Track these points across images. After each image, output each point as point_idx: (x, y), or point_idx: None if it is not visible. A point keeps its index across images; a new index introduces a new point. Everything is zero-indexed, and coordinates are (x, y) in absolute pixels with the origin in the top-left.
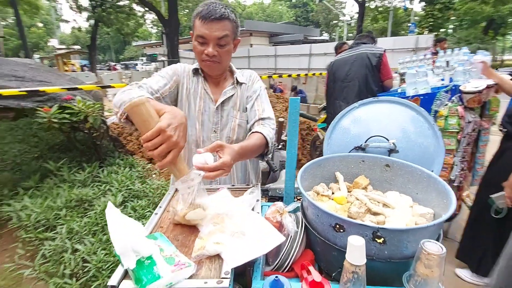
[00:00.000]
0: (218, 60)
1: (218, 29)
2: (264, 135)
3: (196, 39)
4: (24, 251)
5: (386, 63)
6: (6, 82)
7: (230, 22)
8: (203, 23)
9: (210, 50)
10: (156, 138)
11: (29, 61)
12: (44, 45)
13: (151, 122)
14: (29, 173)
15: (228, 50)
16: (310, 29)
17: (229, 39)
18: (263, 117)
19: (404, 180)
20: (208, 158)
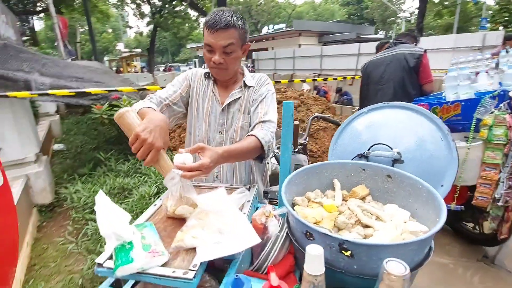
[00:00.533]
0: (225, 67)
1: (223, 38)
2: (259, 138)
3: (204, 47)
4: (73, 228)
5: (427, 64)
6: (68, 82)
7: (236, 30)
8: (209, 32)
9: (217, 58)
10: (135, 143)
11: (91, 64)
12: (112, 49)
13: (133, 129)
14: (85, 162)
15: (234, 57)
16: (363, 27)
17: (235, 47)
18: (264, 120)
19: (405, 193)
20: (187, 158)
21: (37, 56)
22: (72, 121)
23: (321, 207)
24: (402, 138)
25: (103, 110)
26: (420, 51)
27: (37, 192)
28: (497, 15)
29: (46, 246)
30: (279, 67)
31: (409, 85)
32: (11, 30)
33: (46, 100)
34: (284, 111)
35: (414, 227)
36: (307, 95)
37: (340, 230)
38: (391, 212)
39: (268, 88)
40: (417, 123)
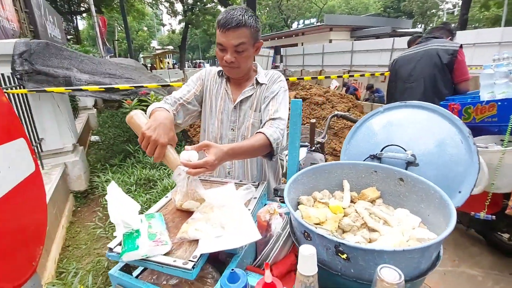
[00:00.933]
0: (237, 65)
1: (235, 37)
2: (267, 136)
3: (217, 46)
4: (102, 215)
5: (462, 61)
6: (102, 78)
7: (248, 29)
8: (221, 32)
9: (228, 57)
10: (143, 141)
11: (125, 61)
12: (147, 46)
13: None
14: (116, 153)
15: (246, 56)
16: (400, 20)
17: (247, 46)
18: (274, 117)
19: (417, 198)
20: (192, 155)
21: (75, 54)
22: (108, 114)
23: (327, 208)
24: (419, 140)
25: (132, 105)
26: (455, 47)
27: (74, 180)
28: None
29: (79, 229)
30: (308, 63)
31: (440, 83)
32: (57, 30)
33: (82, 94)
34: (292, 109)
35: (422, 234)
36: (333, 92)
37: (344, 232)
38: (400, 217)
39: (281, 85)
40: (435, 124)
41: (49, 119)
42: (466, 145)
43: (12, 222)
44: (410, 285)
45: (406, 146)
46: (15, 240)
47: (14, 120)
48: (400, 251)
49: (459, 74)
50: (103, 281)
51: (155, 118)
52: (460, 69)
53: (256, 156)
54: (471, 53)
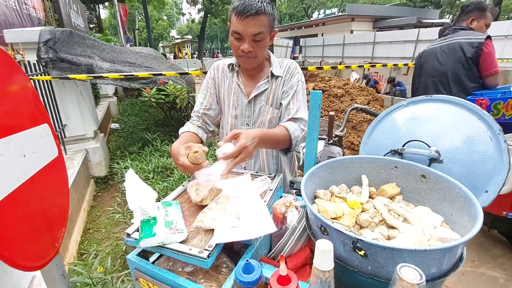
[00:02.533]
0: (254, 55)
1: (254, 25)
2: (289, 132)
3: (232, 34)
4: (121, 200)
5: (490, 54)
6: (122, 67)
7: (267, 16)
8: (238, 19)
9: (246, 47)
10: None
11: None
12: (167, 35)
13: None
14: (135, 141)
15: (263, 45)
16: (426, 10)
17: (265, 35)
18: (296, 117)
19: (439, 196)
20: (227, 148)
21: (97, 42)
22: (128, 102)
23: (344, 203)
24: (443, 136)
25: (151, 94)
26: (480, 39)
27: (94, 165)
28: None
29: (100, 213)
30: (327, 54)
31: (465, 78)
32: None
33: (103, 82)
34: (312, 101)
35: (444, 233)
36: (352, 85)
37: (361, 228)
38: (420, 215)
39: (298, 78)
40: (462, 120)
41: (72, 106)
42: (495, 143)
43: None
44: (430, 285)
45: (430, 141)
46: (39, 222)
47: (39, 106)
48: (421, 250)
49: (486, 68)
50: (121, 263)
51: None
52: (487, 62)
53: (275, 148)
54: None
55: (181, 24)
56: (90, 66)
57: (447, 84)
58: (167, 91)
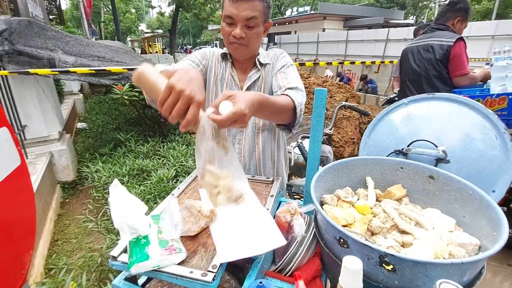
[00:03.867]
0: (246, 42)
1: (247, 9)
2: (292, 97)
3: (224, 20)
4: (93, 207)
5: (459, 55)
6: (90, 61)
7: (261, 2)
8: (231, 3)
9: (238, 32)
10: (169, 98)
11: (113, 43)
12: (135, 29)
13: (159, 84)
14: (106, 142)
15: (257, 33)
16: (392, 11)
17: (259, 21)
18: (291, 87)
19: (449, 198)
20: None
21: (60, 34)
22: (95, 100)
23: (352, 207)
24: (447, 135)
25: (124, 91)
26: (449, 42)
27: (61, 169)
28: None
29: (69, 222)
30: (302, 52)
31: (435, 80)
32: (38, 8)
33: (68, 78)
34: (316, 100)
35: (463, 238)
36: (331, 82)
37: (373, 234)
38: (431, 218)
39: (285, 60)
40: (466, 118)
41: (33, 104)
42: (501, 141)
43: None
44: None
45: (435, 141)
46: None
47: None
48: (458, 264)
49: (453, 69)
50: (96, 277)
51: (185, 71)
52: (456, 63)
53: (278, 119)
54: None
55: (151, 17)
56: (52, 60)
57: (421, 84)
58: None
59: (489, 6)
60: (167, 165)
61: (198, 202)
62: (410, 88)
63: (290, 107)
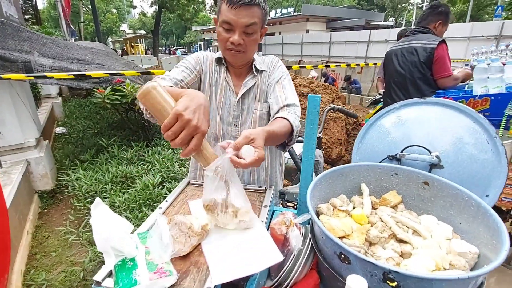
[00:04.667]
0: (244, 49)
1: (247, 15)
2: (290, 122)
3: (221, 25)
4: (74, 218)
5: (441, 58)
6: (69, 64)
7: (260, 9)
8: (230, 8)
9: (236, 38)
10: (174, 125)
11: (94, 45)
12: (116, 30)
13: (167, 108)
14: (87, 147)
15: (255, 39)
16: (373, 13)
17: (257, 28)
18: (288, 104)
19: (445, 204)
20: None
21: (37, 35)
22: (75, 104)
23: (349, 217)
24: (440, 140)
25: (105, 95)
26: (432, 44)
27: (38, 178)
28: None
29: (48, 234)
30: (287, 53)
31: (420, 82)
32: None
33: (46, 82)
34: (310, 106)
35: (462, 247)
36: (317, 83)
37: (371, 245)
38: (428, 225)
39: (282, 70)
40: (457, 122)
41: (7, 110)
42: (492, 146)
43: None
44: None
45: (428, 146)
46: None
47: None
48: (465, 279)
49: (437, 71)
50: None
51: (192, 96)
52: (438, 65)
53: (276, 143)
54: None
55: (133, 18)
56: (27, 63)
57: (406, 86)
58: (124, 91)
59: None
60: (152, 171)
61: (188, 218)
62: (395, 90)
63: (289, 132)
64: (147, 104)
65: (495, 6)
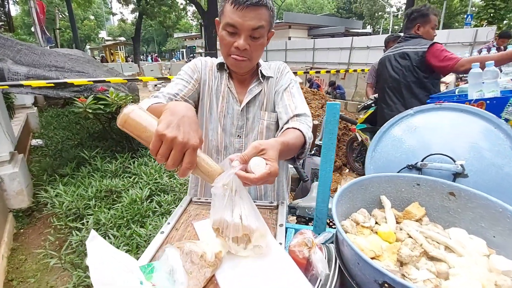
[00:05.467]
0: (249, 55)
1: (254, 18)
2: (303, 133)
3: (224, 28)
4: (55, 238)
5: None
6: (47, 72)
7: (268, 11)
8: (236, 9)
9: (241, 43)
10: (161, 148)
11: (72, 52)
12: (95, 37)
13: (150, 130)
14: (67, 160)
15: (261, 44)
16: (352, 21)
17: (264, 31)
18: (298, 113)
19: (474, 216)
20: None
21: (10, 41)
22: (52, 114)
23: (374, 234)
24: (460, 147)
25: (87, 104)
26: (423, 48)
27: (13, 196)
28: (482, 11)
29: (25, 257)
30: (271, 59)
31: (414, 86)
32: None
33: (21, 91)
34: (328, 115)
35: (504, 264)
36: (306, 89)
37: (403, 264)
38: (459, 240)
39: (290, 76)
40: (476, 128)
41: None
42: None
43: None
44: None
45: (450, 154)
46: None
47: None
48: None
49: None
50: None
51: (173, 110)
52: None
53: (288, 158)
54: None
55: (112, 24)
56: (0, 71)
57: (400, 91)
58: (107, 100)
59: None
60: (139, 184)
61: (199, 245)
62: (389, 95)
63: (301, 143)
64: (129, 130)
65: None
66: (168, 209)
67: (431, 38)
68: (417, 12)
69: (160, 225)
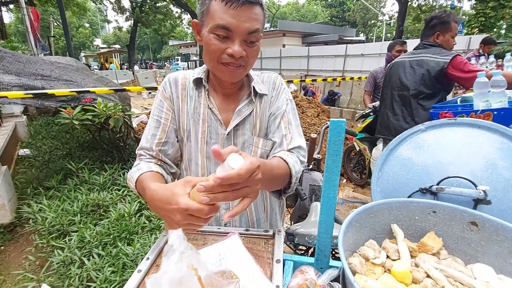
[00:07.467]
0: (244, 63)
1: (250, 18)
2: (289, 165)
3: (213, 31)
4: (35, 258)
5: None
6: (32, 80)
7: (262, 10)
8: (228, 8)
9: (238, 49)
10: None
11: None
12: (90, 44)
13: None
14: (54, 172)
15: (257, 50)
16: (345, 29)
17: (259, 35)
18: (293, 147)
19: (501, 251)
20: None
21: None
22: (42, 122)
23: (386, 272)
24: (478, 169)
25: (74, 115)
26: (445, 59)
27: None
28: (472, 20)
29: (3, 278)
30: (266, 67)
31: (424, 96)
32: None
33: (3, 101)
34: (332, 133)
35: None
36: (301, 97)
37: None
38: (484, 279)
39: (287, 96)
40: (500, 148)
41: None
42: None
43: None
44: None
45: (470, 177)
46: None
47: None
48: None
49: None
50: None
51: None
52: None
53: (272, 189)
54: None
55: (107, 32)
56: None
57: (408, 99)
58: (95, 110)
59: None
60: (128, 198)
61: None
62: (398, 103)
63: (287, 176)
64: None
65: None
66: (158, 224)
67: (450, 48)
68: (437, 19)
69: (148, 242)
